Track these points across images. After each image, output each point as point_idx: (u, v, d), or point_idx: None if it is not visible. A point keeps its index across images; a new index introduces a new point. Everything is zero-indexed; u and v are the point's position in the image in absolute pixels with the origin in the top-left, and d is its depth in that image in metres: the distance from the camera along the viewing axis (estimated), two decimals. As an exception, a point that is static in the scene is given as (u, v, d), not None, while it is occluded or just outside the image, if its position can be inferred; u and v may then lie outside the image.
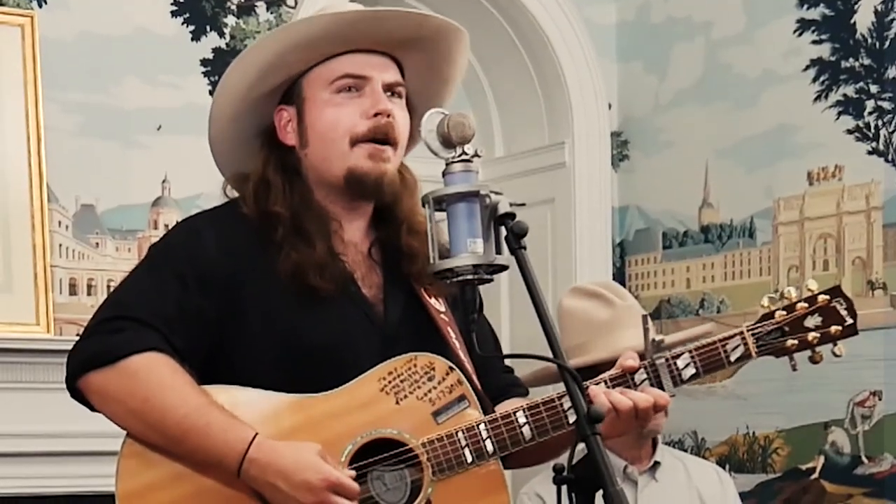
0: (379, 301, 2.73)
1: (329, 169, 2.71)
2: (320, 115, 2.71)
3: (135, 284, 2.69)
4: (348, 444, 2.58)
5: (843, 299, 2.68)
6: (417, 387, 2.63)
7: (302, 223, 2.68)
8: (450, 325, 2.76)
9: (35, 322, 4.38)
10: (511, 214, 2.32)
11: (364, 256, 2.75)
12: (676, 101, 5.56)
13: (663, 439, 4.15)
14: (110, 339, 2.58)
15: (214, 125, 2.80)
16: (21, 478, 4.32)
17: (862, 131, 4.93)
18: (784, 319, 2.67)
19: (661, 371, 2.67)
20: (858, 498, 4.86)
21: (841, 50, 5.01)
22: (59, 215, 4.57)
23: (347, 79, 2.70)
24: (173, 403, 2.55)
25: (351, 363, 2.63)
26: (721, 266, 5.39)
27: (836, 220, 5.01)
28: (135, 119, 4.73)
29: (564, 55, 5.60)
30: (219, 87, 2.80)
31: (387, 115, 2.68)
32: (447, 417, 2.62)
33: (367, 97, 2.70)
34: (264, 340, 2.63)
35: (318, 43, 2.69)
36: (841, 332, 2.67)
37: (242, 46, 4.88)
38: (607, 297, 4.05)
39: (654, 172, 5.65)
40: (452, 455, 2.59)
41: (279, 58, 2.71)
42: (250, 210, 2.70)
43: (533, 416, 2.62)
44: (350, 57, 2.71)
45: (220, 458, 2.53)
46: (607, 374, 2.68)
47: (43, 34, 4.53)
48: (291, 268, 2.64)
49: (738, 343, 2.66)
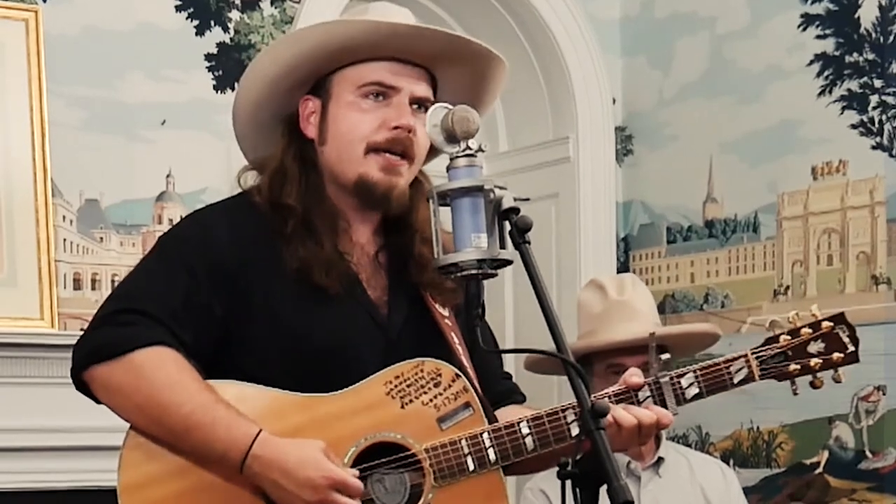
0: (383, 303, 2.73)
1: (342, 171, 2.71)
2: (343, 116, 2.71)
3: (143, 276, 2.68)
4: (352, 446, 2.58)
5: (847, 326, 2.74)
6: (423, 392, 2.63)
7: (312, 219, 2.68)
8: (453, 331, 2.76)
9: (39, 317, 4.37)
10: (515, 209, 2.32)
11: (370, 258, 2.75)
12: (681, 95, 5.56)
13: (667, 435, 4.15)
14: (117, 332, 2.58)
15: (238, 112, 2.80)
16: (26, 473, 4.31)
17: (866, 126, 4.93)
18: (788, 344, 2.73)
19: (666, 390, 2.69)
20: (862, 492, 4.85)
21: (845, 45, 5.00)
22: (64, 210, 4.56)
23: (377, 86, 2.70)
24: (178, 399, 2.55)
25: (354, 364, 2.63)
26: (725, 261, 5.39)
27: (841, 215, 5.00)
28: (139, 114, 4.71)
29: (569, 50, 5.59)
30: (244, 76, 2.79)
31: (408, 130, 2.68)
32: (451, 424, 2.63)
33: (392, 107, 2.69)
34: (269, 338, 2.63)
35: (356, 47, 2.69)
36: (843, 359, 2.73)
37: (247, 41, 4.89)
38: (607, 289, 4.08)
39: (658, 167, 5.65)
40: (455, 462, 2.60)
41: (313, 54, 2.70)
42: (263, 199, 2.70)
43: (536, 427, 2.63)
44: (385, 64, 2.70)
45: (224, 453, 2.53)
46: (611, 390, 2.69)
47: (47, 29, 4.51)
48: (298, 264, 2.64)
49: (742, 365, 2.71)
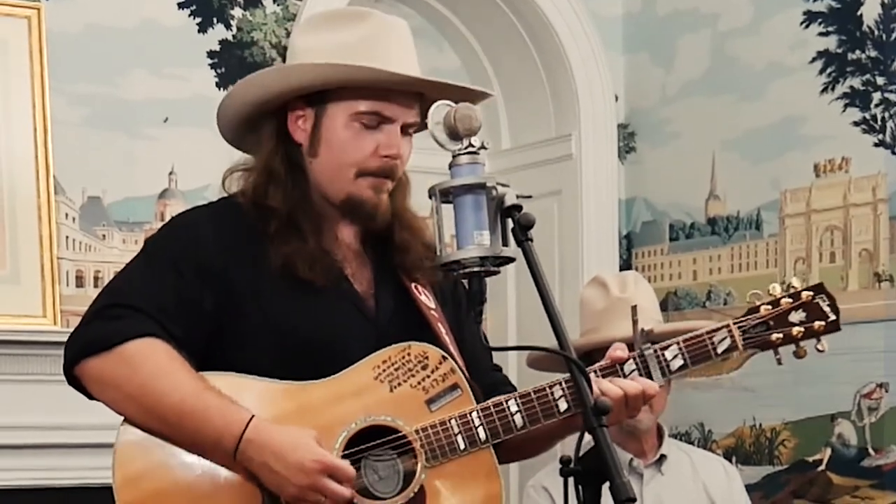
0: (370, 296, 2.75)
1: (330, 187, 2.73)
2: (336, 137, 2.71)
3: (132, 274, 2.70)
4: (342, 430, 2.60)
5: (826, 296, 2.76)
6: (411, 375, 2.65)
7: (296, 219, 2.70)
8: (440, 322, 2.78)
9: (42, 314, 4.38)
10: (518, 206, 2.33)
11: (356, 253, 2.78)
12: (683, 92, 5.55)
13: (669, 432, 4.15)
14: (107, 326, 2.60)
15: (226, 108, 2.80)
16: (28, 470, 4.32)
17: (868, 123, 4.92)
18: (769, 314, 2.74)
19: (650, 361, 2.70)
20: (865, 490, 4.85)
21: (847, 42, 5.00)
22: (66, 207, 4.56)
23: (374, 116, 2.71)
24: (170, 388, 2.56)
25: (343, 356, 2.65)
26: (728, 258, 5.38)
27: (843, 213, 5.00)
28: (141, 111, 4.72)
29: (571, 47, 5.59)
30: (243, 82, 2.80)
31: (397, 158, 2.71)
32: (440, 405, 2.65)
33: (384, 134, 2.71)
34: (258, 334, 2.65)
35: (363, 84, 2.69)
36: (824, 327, 2.74)
37: (249, 38, 4.89)
38: (609, 287, 4.08)
39: (660, 164, 5.64)
40: (445, 442, 2.62)
41: (315, 82, 2.70)
42: (247, 200, 2.72)
43: (524, 404, 2.64)
44: (382, 96, 2.70)
45: (217, 440, 2.55)
46: (597, 365, 2.71)
47: (49, 26, 4.52)
48: (282, 260, 2.66)
49: (725, 335, 2.72)
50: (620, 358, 2.70)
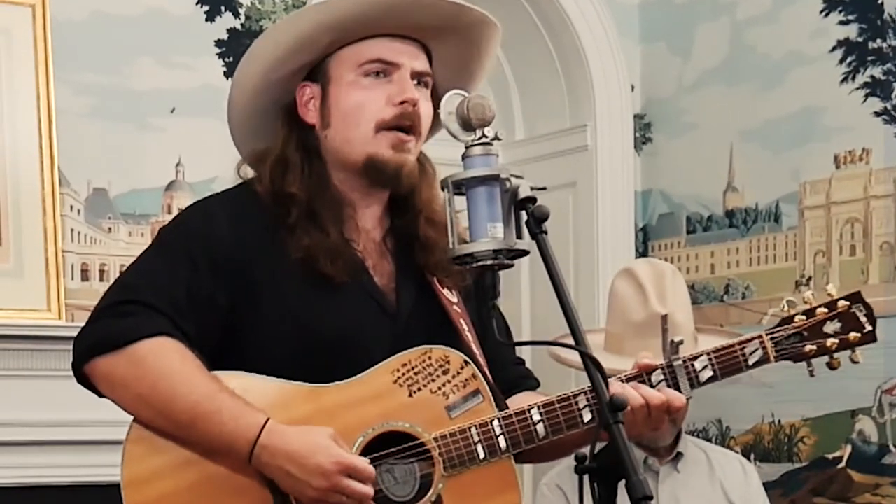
0: (391, 290, 2.71)
1: (350, 152, 2.69)
2: (346, 97, 2.69)
3: (144, 267, 2.66)
4: (359, 435, 2.56)
5: (864, 305, 2.71)
6: (431, 380, 2.61)
7: (316, 207, 2.66)
8: (462, 317, 2.74)
9: (46, 308, 4.37)
10: (532, 198, 2.30)
11: (376, 244, 2.73)
12: (701, 82, 5.53)
13: (686, 428, 4.14)
14: (118, 324, 2.56)
15: (235, 100, 2.77)
16: (33, 467, 4.31)
17: (890, 114, 4.91)
18: (803, 325, 2.69)
19: (679, 372, 2.66)
20: (886, 487, 4.83)
21: (868, 31, 4.98)
22: (71, 199, 4.54)
23: (378, 63, 2.69)
24: (183, 389, 2.53)
25: (362, 353, 2.61)
26: (746, 251, 5.36)
27: (864, 205, 4.98)
28: (148, 101, 4.70)
29: (586, 36, 5.58)
30: (243, 62, 2.77)
31: (413, 104, 2.67)
32: (461, 412, 2.60)
33: (394, 83, 2.68)
34: (275, 328, 2.61)
35: (353, 24, 2.67)
36: (860, 338, 2.69)
37: (258, 27, 4.88)
38: (649, 295, 3.97)
39: (677, 155, 5.62)
40: (464, 451, 2.58)
41: (310, 35, 2.68)
42: (265, 189, 2.68)
43: (547, 413, 2.60)
44: (382, 41, 2.69)
45: (231, 443, 2.51)
46: (624, 374, 2.67)
47: (54, 14, 4.50)
48: (303, 253, 2.61)
49: (757, 347, 2.68)
50: (648, 366, 2.65)
